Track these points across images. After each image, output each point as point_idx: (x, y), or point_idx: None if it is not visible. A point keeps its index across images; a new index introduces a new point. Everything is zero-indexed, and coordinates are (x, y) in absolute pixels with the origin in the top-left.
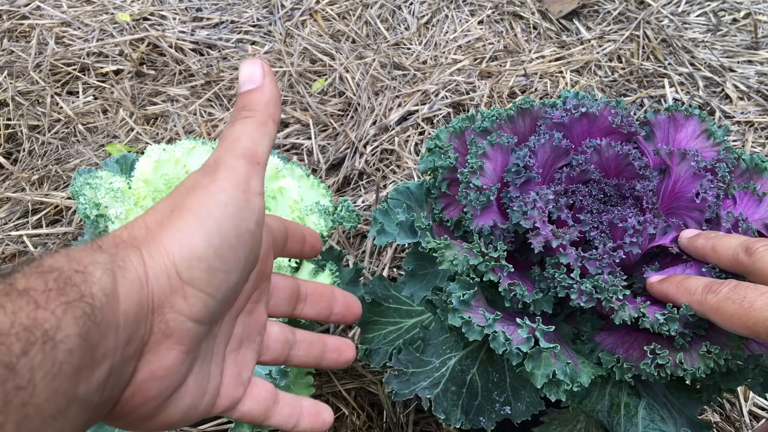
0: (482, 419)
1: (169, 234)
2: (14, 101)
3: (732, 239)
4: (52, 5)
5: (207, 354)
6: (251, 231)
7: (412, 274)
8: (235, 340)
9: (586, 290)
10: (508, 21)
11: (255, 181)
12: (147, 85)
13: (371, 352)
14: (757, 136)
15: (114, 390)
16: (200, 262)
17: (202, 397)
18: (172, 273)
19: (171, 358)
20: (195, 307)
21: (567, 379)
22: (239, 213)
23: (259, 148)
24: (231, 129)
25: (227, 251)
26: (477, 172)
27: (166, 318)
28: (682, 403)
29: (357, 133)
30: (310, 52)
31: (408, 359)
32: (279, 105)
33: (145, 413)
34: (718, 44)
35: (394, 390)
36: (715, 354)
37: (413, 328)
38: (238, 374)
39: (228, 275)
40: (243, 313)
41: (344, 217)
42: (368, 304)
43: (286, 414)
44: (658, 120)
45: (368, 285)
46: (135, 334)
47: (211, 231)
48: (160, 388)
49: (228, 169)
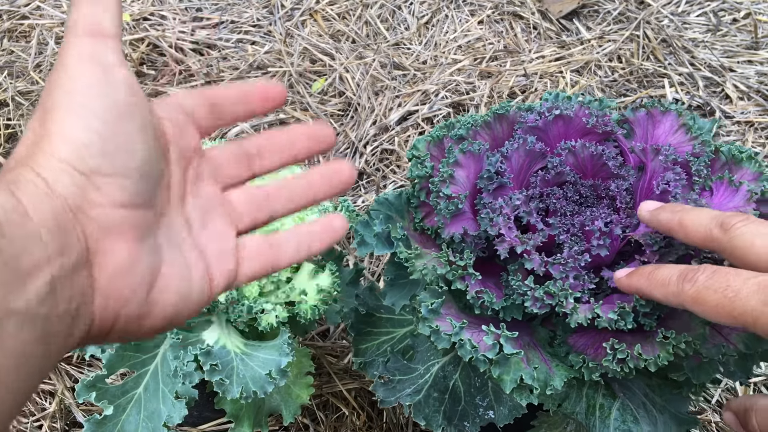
0: (466, 424)
1: (47, 139)
2: (14, 101)
3: (702, 213)
4: (52, 5)
5: (172, 243)
6: (129, 102)
7: (391, 283)
8: (197, 222)
9: (539, 296)
10: (508, 21)
11: (109, 56)
12: (147, 85)
13: (366, 365)
14: (757, 136)
15: (72, 303)
16: (89, 149)
17: (190, 284)
18: (70, 171)
19: (123, 251)
20: (112, 193)
21: (536, 383)
22: (106, 90)
23: (101, 21)
24: (69, 17)
25: (113, 128)
26: (447, 180)
27: (92, 215)
28: (665, 400)
29: (357, 133)
30: (310, 52)
31: (395, 367)
32: None
33: (131, 317)
34: (718, 44)
35: (381, 398)
36: (673, 339)
37: (405, 338)
38: (220, 249)
39: (130, 151)
40: (188, 196)
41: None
42: (362, 315)
43: (293, 250)
44: (637, 117)
45: (360, 297)
46: (67, 242)
47: (83, 115)
48: (130, 285)
49: (72, 54)
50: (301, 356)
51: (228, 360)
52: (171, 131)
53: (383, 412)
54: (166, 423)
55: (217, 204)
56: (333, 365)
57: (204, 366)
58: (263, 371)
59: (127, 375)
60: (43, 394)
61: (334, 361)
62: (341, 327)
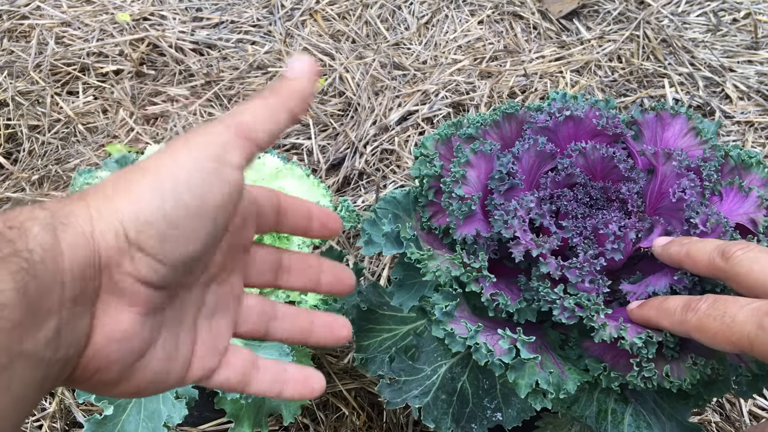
0: (474, 426)
1: (122, 192)
2: (14, 101)
3: (707, 244)
4: (52, 5)
5: (175, 321)
6: (218, 204)
7: (400, 284)
8: (207, 309)
9: (569, 307)
10: (508, 21)
11: (234, 153)
12: (147, 85)
13: (367, 361)
14: (757, 136)
15: (70, 349)
16: (149, 227)
17: (171, 366)
18: (119, 232)
19: (127, 320)
20: (143, 270)
21: (551, 388)
22: (205, 183)
23: (257, 125)
24: (240, 105)
25: (184, 220)
26: (459, 181)
27: (115, 278)
28: (672, 408)
29: (357, 133)
30: (310, 52)
31: (401, 367)
32: (305, 101)
33: (109, 378)
34: (718, 44)
35: (387, 399)
36: (701, 365)
37: (408, 336)
38: (212, 344)
39: (183, 245)
40: (215, 282)
41: (344, 217)
42: (363, 312)
43: (268, 381)
44: (646, 119)
45: (362, 293)
46: (83, 291)
47: (166, 196)
48: (121, 351)
49: (208, 135)
50: (301, 356)
51: None
52: (237, 223)
53: (383, 412)
54: (166, 423)
55: (234, 301)
56: (333, 365)
57: None
58: None
59: None
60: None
61: (334, 361)
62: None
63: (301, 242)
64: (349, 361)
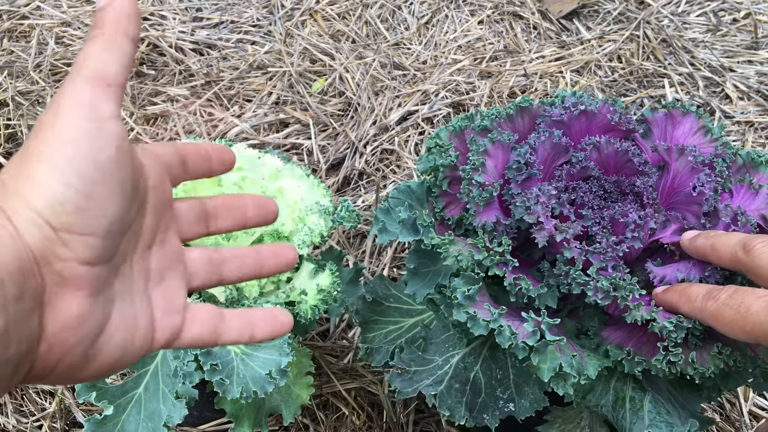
0: (486, 416)
1: (24, 184)
2: (14, 101)
3: (731, 237)
4: (52, 5)
5: (126, 292)
6: (114, 160)
7: (414, 272)
8: (154, 274)
9: (603, 287)
10: (508, 21)
11: (105, 107)
12: (147, 85)
13: (372, 351)
14: (757, 136)
15: (21, 346)
16: (64, 206)
17: (133, 336)
18: (40, 223)
19: (76, 305)
20: (78, 250)
21: (573, 371)
22: (93, 145)
23: (107, 67)
24: (78, 54)
25: (92, 188)
26: (479, 168)
27: (55, 268)
28: (684, 398)
29: (357, 133)
30: (310, 52)
31: (411, 358)
32: (134, 19)
33: (72, 365)
34: (718, 44)
35: (398, 388)
36: (726, 355)
37: (414, 327)
38: (169, 305)
39: (104, 211)
40: (155, 245)
41: (344, 217)
42: (369, 303)
43: (237, 328)
44: (656, 117)
45: (369, 284)
46: (25, 289)
47: (65, 171)
48: (78, 336)
49: (68, 99)
50: (301, 356)
51: (228, 360)
52: (153, 178)
53: (383, 412)
54: (166, 423)
55: (177, 259)
56: (333, 365)
57: (204, 366)
58: (263, 371)
59: (127, 375)
60: (43, 394)
61: (334, 361)
62: (341, 327)
63: (301, 242)
64: (349, 361)
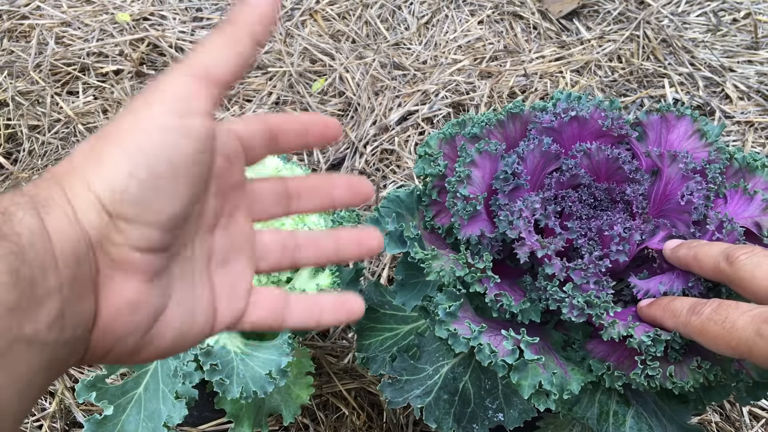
0: (475, 426)
1: (91, 166)
2: (14, 101)
3: (714, 247)
4: (52, 5)
5: (186, 277)
6: (189, 160)
7: (402, 283)
8: (218, 256)
9: (578, 305)
10: (508, 21)
11: (198, 104)
12: (147, 85)
13: (368, 360)
14: (757, 136)
15: (77, 330)
16: (124, 195)
17: (192, 322)
18: (99, 209)
19: (131, 290)
20: (134, 238)
21: (555, 389)
22: (171, 140)
23: (217, 62)
24: (197, 45)
25: (157, 182)
26: (464, 181)
27: (110, 252)
28: (672, 410)
29: (357, 133)
30: (310, 52)
31: (402, 367)
32: (267, 20)
33: (127, 349)
34: (718, 44)
35: (388, 398)
36: (705, 369)
37: (409, 335)
38: (232, 288)
39: (165, 205)
40: (218, 228)
41: (344, 217)
42: (364, 310)
43: (302, 313)
44: (651, 120)
45: (364, 292)
46: (81, 271)
47: (134, 160)
48: (133, 322)
49: (167, 89)
50: (301, 356)
51: (228, 360)
52: (220, 165)
53: (383, 412)
54: (166, 423)
55: (245, 242)
56: (333, 365)
57: (204, 366)
58: (263, 371)
59: (127, 375)
60: (43, 394)
61: (334, 361)
62: (341, 327)
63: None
64: (349, 361)
